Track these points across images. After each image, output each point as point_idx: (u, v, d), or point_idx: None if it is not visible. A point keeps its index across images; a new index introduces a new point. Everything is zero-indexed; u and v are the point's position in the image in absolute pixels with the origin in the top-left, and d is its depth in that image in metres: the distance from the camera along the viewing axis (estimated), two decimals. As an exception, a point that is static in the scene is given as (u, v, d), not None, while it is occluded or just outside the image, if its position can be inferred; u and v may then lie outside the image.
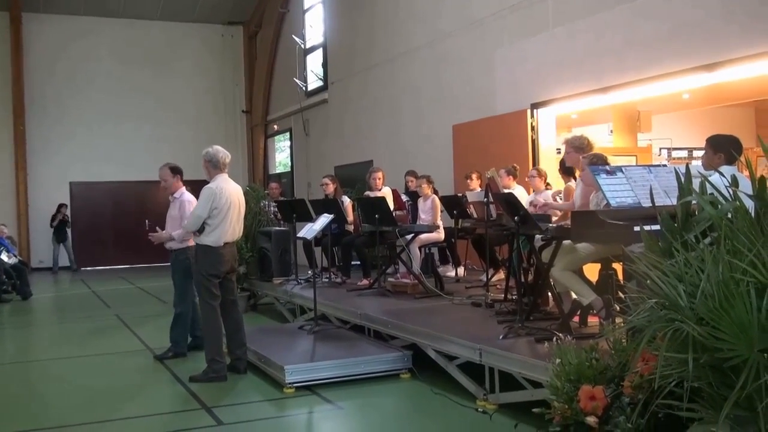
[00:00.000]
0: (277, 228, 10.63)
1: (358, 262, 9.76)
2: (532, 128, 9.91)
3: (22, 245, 18.47)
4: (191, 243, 7.35)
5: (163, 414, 5.64)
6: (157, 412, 5.67)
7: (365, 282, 9.08)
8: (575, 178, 6.78)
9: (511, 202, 5.77)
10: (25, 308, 12.18)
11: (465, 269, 10.04)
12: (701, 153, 5.28)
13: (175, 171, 7.48)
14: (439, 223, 9.00)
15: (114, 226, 19.64)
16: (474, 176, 9.61)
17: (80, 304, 13.04)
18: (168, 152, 18.90)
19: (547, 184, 8.56)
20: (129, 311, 11.15)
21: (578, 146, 6.18)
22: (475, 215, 8.88)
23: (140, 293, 13.78)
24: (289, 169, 19.58)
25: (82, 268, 19.18)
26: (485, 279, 8.25)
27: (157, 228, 7.50)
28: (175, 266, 7.48)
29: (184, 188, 7.51)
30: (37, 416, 5.68)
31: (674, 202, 3.29)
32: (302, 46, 17.94)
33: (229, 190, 6.45)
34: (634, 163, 10.17)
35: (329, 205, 9.09)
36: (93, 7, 19.49)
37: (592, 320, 5.71)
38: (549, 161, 9.65)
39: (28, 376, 7.33)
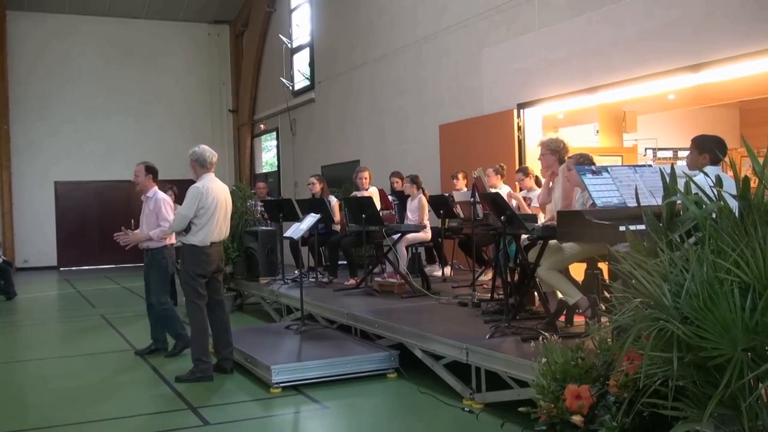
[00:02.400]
0: (264, 228, 10.61)
1: (345, 262, 9.76)
2: (519, 128, 9.93)
3: (6, 245, 18.32)
4: (168, 242, 7.37)
5: (149, 414, 5.61)
6: (143, 413, 5.64)
7: (352, 282, 9.07)
8: None
9: (497, 202, 5.78)
10: (10, 308, 12.08)
11: (452, 269, 10.06)
12: (686, 153, 5.31)
13: (149, 170, 7.50)
14: (426, 222, 9.01)
15: (99, 225, 19.51)
16: (460, 176, 9.63)
17: (65, 304, 12.98)
18: (154, 152, 18.83)
19: (536, 178, 8.59)
20: (114, 311, 11.10)
21: (554, 149, 6.21)
22: (461, 215, 8.90)
23: (125, 293, 13.71)
24: (276, 169, 19.55)
25: (64, 268, 19.07)
26: (472, 278, 8.26)
27: (126, 229, 7.44)
28: (152, 265, 7.46)
29: (156, 187, 7.51)
30: (21, 417, 5.63)
31: (659, 202, 3.30)
32: (289, 45, 17.91)
33: (216, 190, 6.44)
34: (620, 163, 10.21)
35: (316, 204, 9.09)
36: (78, 6, 19.38)
37: (578, 319, 5.73)
38: (535, 161, 9.66)
39: (12, 376, 7.27)
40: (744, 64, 7.13)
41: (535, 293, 6.43)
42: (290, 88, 17.82)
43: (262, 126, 20.07)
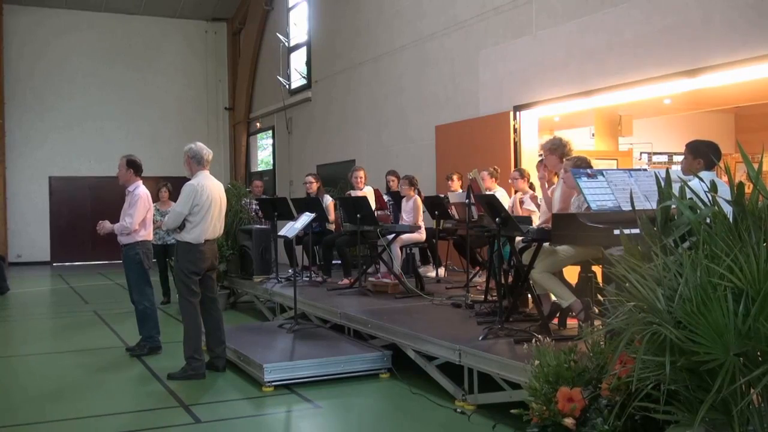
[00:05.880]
0: (258, 226, 10.60)
1: (339, 262, 9.75)
2: (515, 130, 9.95)
3: (-1, 239, 18.30)
4: (140, 238, 7.36)
5: (141, 411, 5.60)
6: (134, 409, 5.63)
7: (346, 281, 9.07)
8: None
9: (492, 204, 5.79)
10: (2, 303, 12.04)
11: (446, 270, 10.06)
12: (681, 158, 5.32)
13: (130, 165, 7.55)
14: (421, 223, 9.00)
15: (93, 221, 19.27)
16: (455, 177, 9.63)
17: (58, 300, 12.94)
18: (149, 148, 18.83)
19: (530, 184, 8.59)
20: (107, 307, 11.07)
21: (551, 148, 6.20)
22: (456, 216, 8.90)
23: (118, 289, 13.66)
24: (271, 167, 19.53)
25: (57, 263, 19.02)
26: (466, 280, 8.26)
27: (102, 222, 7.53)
28: (127, 262, 7.49)
29: (140, 182, 7.54)
30: (12, 412, 5.62)
31: (654, 206, 3.31)
32: (286, 44, 17.89)
33: (211, 187, 6.43)
34: (615, 167, 10.24)
35: (311, 203, 9.08)
36: (75, 1, 19.33)
37: (571, 322, 5.74)
38: (531, 163, 9.68)
39: (4, 371, 7.24)
40: (740, 70, 7.16)
41: (529, 295, 6.44)
42: (287, 86, 17.81)
43: (258, 124, 20.06)
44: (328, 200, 10.01)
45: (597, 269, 5.41)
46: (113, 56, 19.86)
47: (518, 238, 6.08)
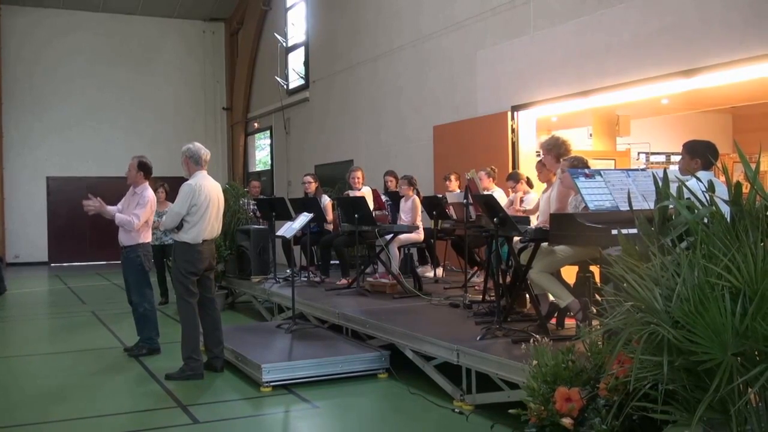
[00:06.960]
0: (256, 226, 10.60)
1: (337, 262, 9.75)
2: (513, 130, 9.95)
3: (-3, 240, 18.28)
4: (141, 240, 7.34)
5: (139, 411, 5.60)
6: (132, 410, 5.62)
7: (344, 281, 9.07)
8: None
9: (490, 204, 5.79)
10: (0, 304, 12.02)
11: (444, 270, 10.06)
12: (679, 158, 5.33)
13: (141, 167, 7.47)
14: (419, 223, 9.00)
15: (91, 221, 19.34)
16: (453, 177, 9.63)
17: (55, 300, 12.93)
18: (147, 148, 18.69)
19: (527, 179, 8.60)
20: (104, 308, 11.06)
21: (548, 147, 6.21)
22: (454, 216, 8.90)
23: (116, 289, 13.66)
24: (269, 168, 19.53)
25: (55, 264, 19.00)
26: (464, 280, 8.26)
27: (98, 199, 7.36)
28: (127, 264, 7.44)
29: (147, 184, 7.50)
30: (9, 413, 5.61)
31: (652, 206, 3.32)
32: (284, 44, 17.89)
33: (209, 187, 6.42)
34: (613, 167, 10.24)
35: (309, 203, 9.08)
36: (73, 1, 19.32)
37: (569, 322, 5.74)
38: (529, 163, 9.69)
39: (1, 372, 7.23)
40: (737, 70, 7.17)
41: (527, 295, 6.44)
42: (285, 87, 17.80)
43: (256, 124, 20.05)
44: (326, 200, 10.01)
45: (595, 269, 5.42)
46: (111, 56, 19.85)
47: (516, 238, 6.09)
